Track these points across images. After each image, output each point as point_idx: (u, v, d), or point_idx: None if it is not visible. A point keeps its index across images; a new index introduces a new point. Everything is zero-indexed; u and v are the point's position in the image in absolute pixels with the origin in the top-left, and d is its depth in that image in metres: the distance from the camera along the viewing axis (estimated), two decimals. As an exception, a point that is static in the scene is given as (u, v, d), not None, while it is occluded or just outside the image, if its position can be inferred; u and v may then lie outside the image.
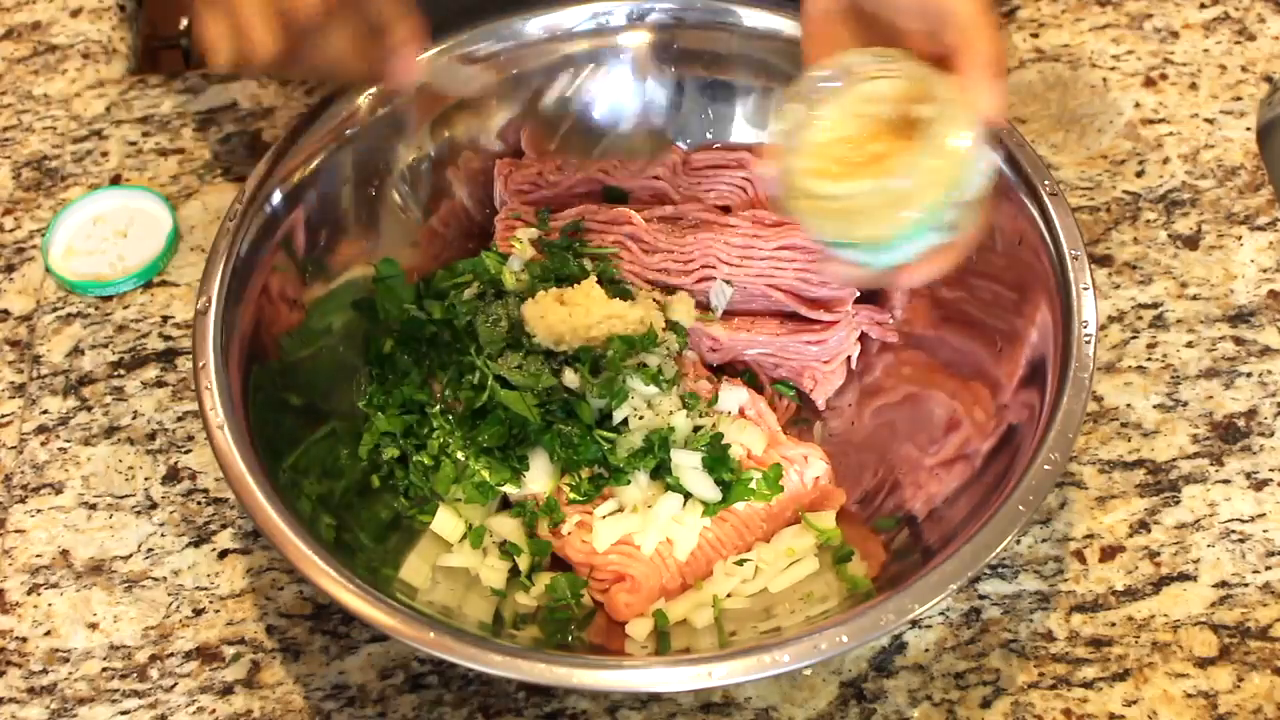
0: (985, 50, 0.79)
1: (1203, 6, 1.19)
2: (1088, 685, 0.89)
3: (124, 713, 0.90)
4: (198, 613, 0.94)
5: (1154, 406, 1.00)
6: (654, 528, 0.89)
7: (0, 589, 0.95)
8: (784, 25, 1.02)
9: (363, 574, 0.83)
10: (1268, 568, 0.93)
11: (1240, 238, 1.07)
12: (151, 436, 1.01)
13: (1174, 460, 0.97)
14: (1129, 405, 1.00)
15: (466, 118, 1.05)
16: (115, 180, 1.14)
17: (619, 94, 1.07)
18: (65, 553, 0.96)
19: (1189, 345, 1.02)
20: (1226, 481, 0.97)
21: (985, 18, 0.80)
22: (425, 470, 0.94)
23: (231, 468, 0.85)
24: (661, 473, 0.91)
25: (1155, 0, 1.20)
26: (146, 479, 0.99)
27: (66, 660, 0.92)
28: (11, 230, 1.12)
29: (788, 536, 0.92)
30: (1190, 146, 1.12)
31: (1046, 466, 0.83)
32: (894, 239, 0.78)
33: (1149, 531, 0.95)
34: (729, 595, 0.90)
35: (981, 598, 0.93)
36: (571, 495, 0.91)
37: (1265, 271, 1.05)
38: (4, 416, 1.03)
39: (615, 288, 0.99)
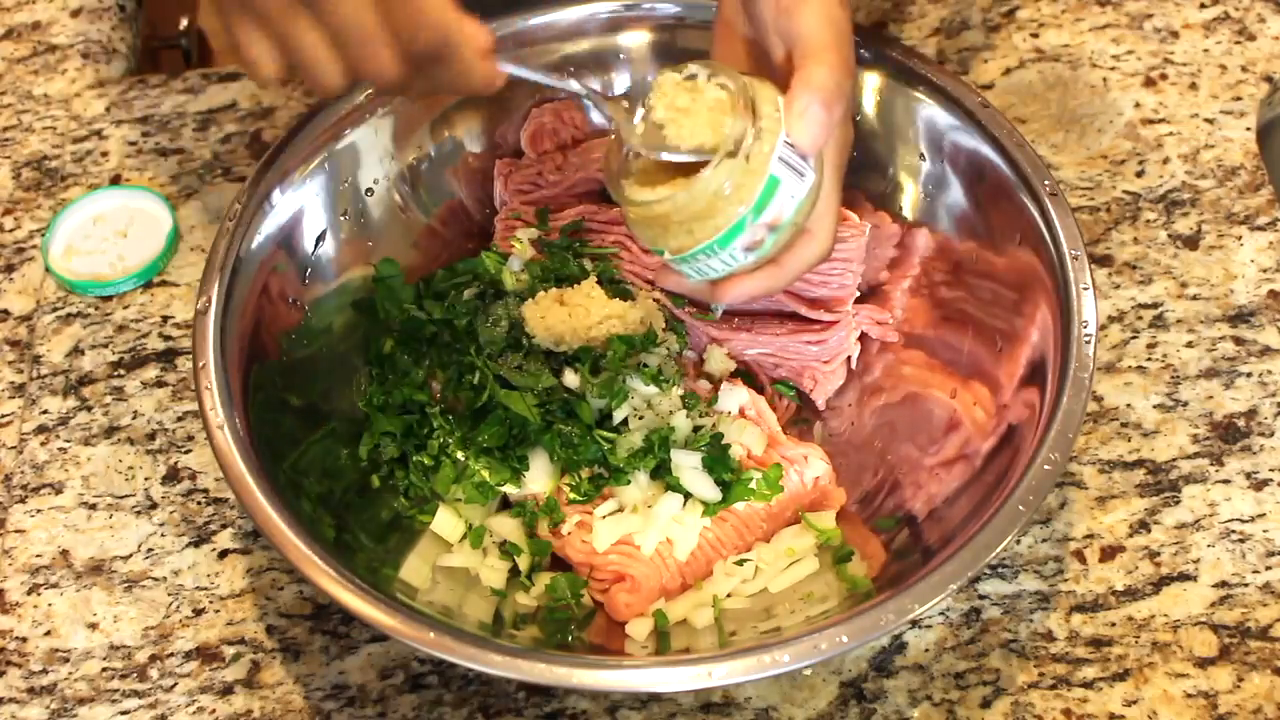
0: (816, 76, 0.78)
1: (1203, 6, 1.19)
2: (1088, 685, 0.89)
3: (124, 713, 0.90)
4: (198, 613, 0.94)
5: (1154, 406, 1.00)
6: (654, 528, 0.89)
7: (0, 589, 0.95)
8: (784, 25, 1.02)
9: (363, 574, 0.83)
10: (1268, 568, 0.93)
11: (1240, 238, 1.07)
12: (151, 436, 1.01)
13: (1174, 460, 0.97)
14: (1129, 405, 1.00)
15: (466, 118, 1.05)
16: (115, 180, 1.14)
17: (619, 94, 1.07)
18: (65, 553, 0.96)
19: (1189, 345, 1.02)
20: (1226, 481, 0.97)
21: (833, 46, 0.79)
22: (425, 470, 0.94)
23: (231, 468, 0.85)
24: (661, 473, 0.91)
25: (1155, 0, 1.20)
26: (146, 479, 0.99)
27: (66, 660, 0.92)
28: (11, 230, 1.12)
29: (788, 536, 0.92)
30: (1190, 146, 1.12)
31: (1046, 466, 0.83)
32: (696, 251, 0.79)
33: (1149, 531, 0.95)
34: (729, 595, 0.90)
35: (981, 598, 0.93)
36: (571, 495, 0.91)
37: (1265, 271, 1.05)
38: (4, 416, 1.03)
39: (615, 288, 0.99)
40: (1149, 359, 1.02)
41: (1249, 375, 1.01)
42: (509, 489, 0.92)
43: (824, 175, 0.82)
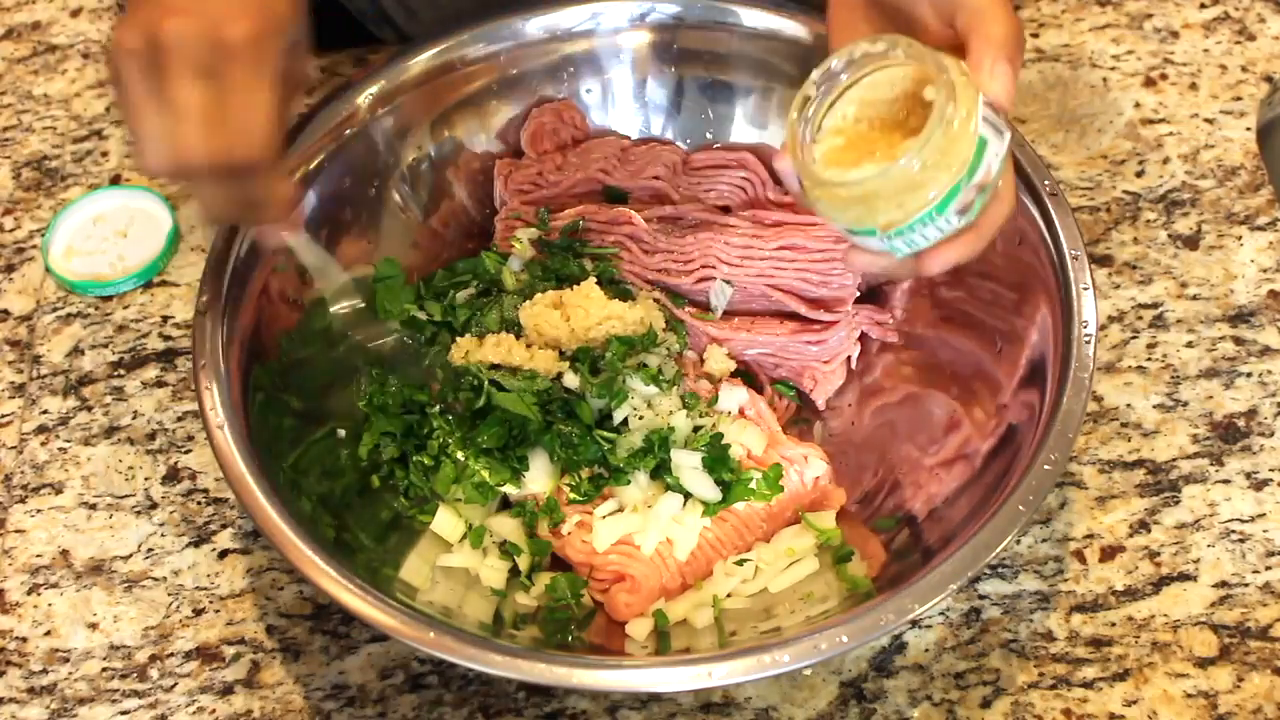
0: (994, 32, 0.79)
1: (1203, 6, 1.19)
2: (1088, 685, 0.89)
3: (124, 713, 0.90)
4: (198, 613, 0.94)
5: (1154, 406, 1.00)
6: (654, 528, 0.89)
7: (0, 589, 0.95)
8: (784, 25, 1.02)
9: (363, 574, 0.83)
10: (1268, 568, 0.93)
11: (1240, 238, 1.07)
12: (151, 436, 1.01)
13: (1174, 460, 0.98)
14: (1129, 405, 1.00)
15: (466, 118, 1.05)
16: (115, 180, 1.14)
17: (619, 94, 1.07)
18: (65, 553, 0.96)
19: (1189, 345, 1.02)
20: (1226, 481, 0.97)
21: (1000, 1, 0.80)
22: (425, 470, 0.94)
23: (231, 468, 0.85)
24: (661, 473, 0.91)
25: (1155, 0, 1.20)
26: (146, 479, 0.99)
27: (66, 660, 0.92)
28: (11, 230, 1.12)
29: (788, 536, 0.92)
30: (1190, 146, 1.12)
31: (1046, 466, 0.83)
32: (913, 222, 0.79)
33: (1149, 531, 0.95)
34: (729, 595, 0.90)
35: (981, 598, 0.93)
36: (571, 495, 0.91)
37: (1265, 271, 1.05)
38: (4, 416, 1.03)
39: (615, 288, 0.99)
40: (1149, 359, 1.02)
41: (1249, 375, 1.01)
42: (509, 489, 0.92)
43: None
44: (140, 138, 0.78)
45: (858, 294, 0.99)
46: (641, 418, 0.91)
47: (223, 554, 0.96)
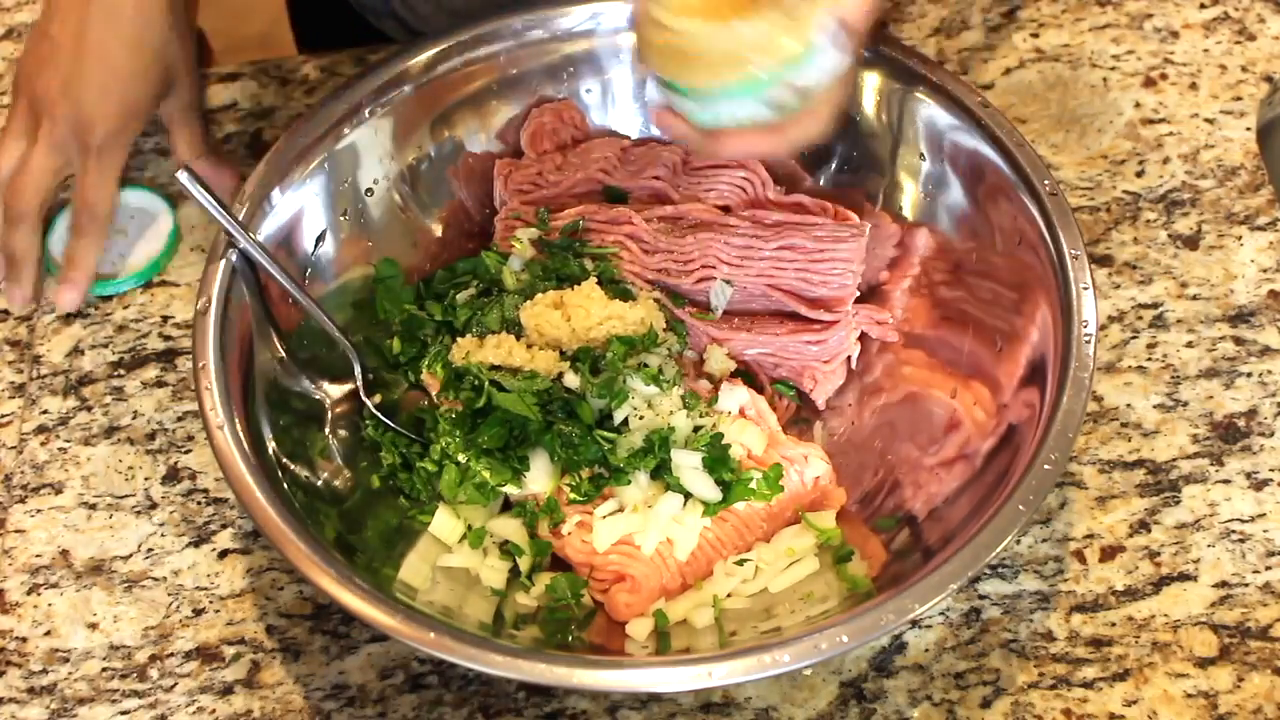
0: None
1: (1203, 6, 1.19)
2: (1088, 685, 0.89)
3: (124, 713, 0.90)
4: (198, 613, 0.94)
5: (1154, 406, 1.00)
6: (654, 528, 0.89)
7: (0, 589, 0.95)
8: (784, 25, 1.02)
9: (363, 574, 0.83)
10: (1268, 568, 0.93)
11: (1240, 238, 1.07)
12: (151, 436, 1.01)
13: (1174, 460, 0.98)
14: (1129, 405, 1.00)
15: (466, 118, 1.05)
16: (115, 180, 1.14)
17: (619, 94, 1.07)
18: (65, 553, 0.96)
19: (1189, 345, 1.02)
20: (1226, 481, 0.97)
21: None
22: (429, 477, 0.93)
23: (231, 468, 0.85)
24: (662, 473, 0.91)
25: (1155, 0, 1.20)
26: (146, 479, 0.99)
27: (66, 660, 0.92)
28: (11, 230, 1.12)
29: (788, 536, 0.92)
30: (1190, 146, 1.12)
31: (1046, 466, 0.84)
32: (721, 92, 0.79)
33: (1149, 531, 0.95)
34: (729, 595, 0.90)
35: (981, 598, 0.93)
36: (572, 495, 0.91)
37: (1265, 271, 1.05)
38: (4, 416, 1.03)
39: (616, 288, 0.98)
40: (1149, 359, 1.02)
41: (1249, 375, 1.01)
42: (510, 489, 0.92)
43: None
44: None
45: (858, 294, 0.99)
46: (642, 418, 0.91)
47: (223, 554, 0.96)
